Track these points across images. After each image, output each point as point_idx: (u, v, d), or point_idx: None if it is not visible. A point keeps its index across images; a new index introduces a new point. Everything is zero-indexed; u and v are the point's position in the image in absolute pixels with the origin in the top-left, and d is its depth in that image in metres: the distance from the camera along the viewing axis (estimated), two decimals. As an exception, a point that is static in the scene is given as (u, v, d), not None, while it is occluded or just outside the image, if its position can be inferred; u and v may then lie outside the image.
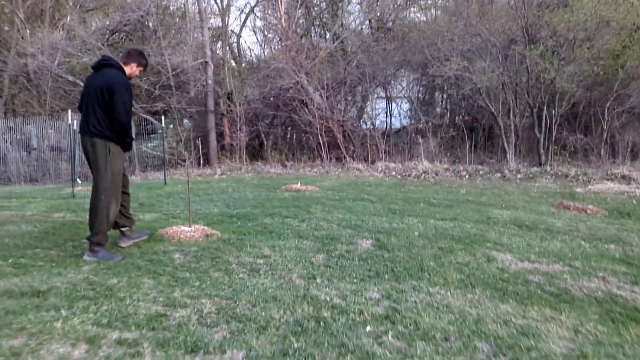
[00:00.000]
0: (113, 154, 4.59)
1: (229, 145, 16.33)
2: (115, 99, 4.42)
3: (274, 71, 15.44)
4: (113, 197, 4.63)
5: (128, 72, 4.74)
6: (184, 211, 7.44)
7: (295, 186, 9.96)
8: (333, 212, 7.25)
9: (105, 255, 4.51)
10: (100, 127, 4.51)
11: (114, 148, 4.59)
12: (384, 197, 9.09)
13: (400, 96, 17.35)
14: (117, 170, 4.64)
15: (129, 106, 4.57)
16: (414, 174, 12.33)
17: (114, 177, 4.62)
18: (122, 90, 4.48)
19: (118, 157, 4.64)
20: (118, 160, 4.64)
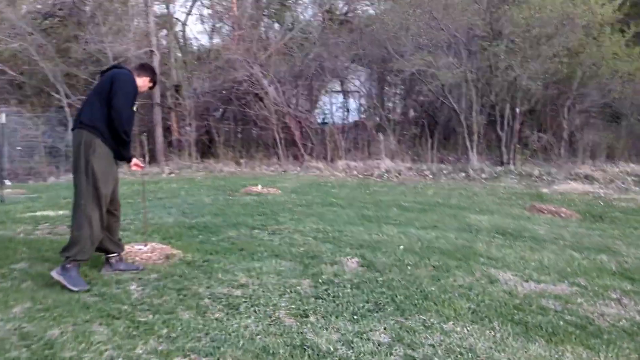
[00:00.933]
0: (97, 153, 3.81)
1: (177, 141, 15.27)
2: (116, 89, 3.83)
3: (226, 63, 14.51)
4: (96, 206, 3.83)
5: (139, 84, 4.10)
6: (134, 221, 6.56)
7: (255, 189, 9.22)
8: (304, 221, 6.59)
9: (73, 280, 3.71)
10: (92, 116, 3.84)
11: (100, 147, 3.82)
12: (353, 201, 8.52)
13: (357, 91, 16.85)
14: (101, 173, 3.82)
15: (131, 102, 3.93)
16: (376, 173, 11.85)
17: (96, 181, 3.80)
18: (127, 82, 3.92)
19: (103, 159, 3.84)
20: (102, 162, 3.84)
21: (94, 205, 3.81)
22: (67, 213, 7.18)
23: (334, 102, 15.89)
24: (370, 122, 13.79)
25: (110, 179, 3.90)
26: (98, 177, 3.80)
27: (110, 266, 4.14)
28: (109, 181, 3.90)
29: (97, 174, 3.79)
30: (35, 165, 15.45)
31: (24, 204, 8.09)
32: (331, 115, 15.53)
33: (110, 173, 3.92)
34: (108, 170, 3.88)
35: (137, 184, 10.36)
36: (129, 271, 4.16)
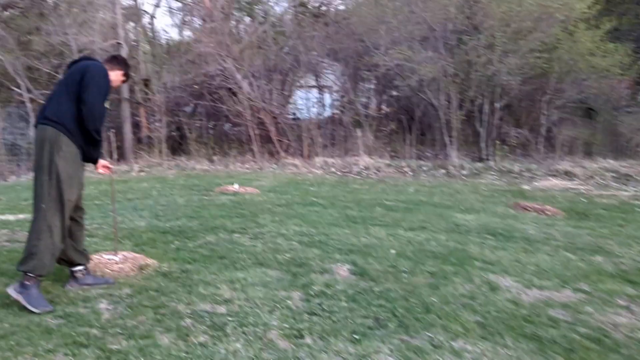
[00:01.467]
0: (63, 152, 3.36)
1: (146, 138, 14.64)
2: (88, 82, 3.40)
3: (198, 56, 13.96)
4: (58, 212, 3.37)
5: (111, 78, 3.65)
6: (102, 226, 6.09)
7: (231, 188, 8.79)
8: (286, 223, 6.23)
9: (33, 299, 3.26)
10: (59, 111, 3.39)
11: (67, 146, 3.38)
12: (334, 200, 8.19)
13: (331, 86, 16.50)
14: (66, 176, 3.37)
15: (104, 98, 3.48)
16: (355, 170, 11.55)
17: (60, 183, 3.35)
18: (100, 75, 3.49)
19: (69, 159, 3.40)
20: (68, 163, 3.39)
21: (56, 211, 3.37)
22: (28, 217, 6.65)
23: (308, 97, 15.51)
24: (346, 117, 13.46)
25: (75, 182, 3.47)
26: (62, 179, 3.36)
27: (76, 280, 3.70)
28: (74, 185, 3.46)
29: (62, 175, 3.36)
30: (-5, 164, 14.61)
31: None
32: (306, 111, 15.15)
33: (76, 176, 3.48)
34: (74, 172, 3.45)
35: (104, 184, 9.79)
36: (97, 286, 3.72)
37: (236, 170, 12.43)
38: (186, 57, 15.02)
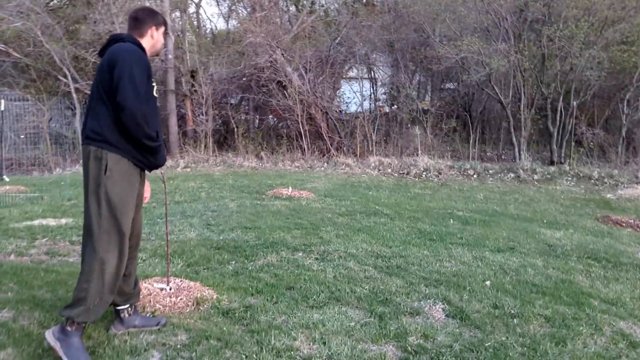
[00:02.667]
0: (112, 173, 2.67)
1: (192, 132, 14.14)
2: (118, 77, 2.60)
3: (247, 47, 13.32)
4: (113, 245, 2.70)
5: (150, 43, 2.93)
6: (150, 236, 5.49)
7: (285, 191, 8.11)
8: (353, 239, 5.48)
9: (73, 351, 2.63)
10: (99, 125, 2.69)
11: (115, 163, 2.68)
12: (399, 209, 7.38)
13: (385, 78, 15.61)
14: (119, 200, 2.69)
15: (145, 87, 2.68)
16: (413, 171, 10.68)
17: (114, 210, 2.68)
18: (132, 61, 2.65)
19: (122, 180, 2.70)
20: (121, 185, 2.70)
21: (110, 243, 2.70)
22: (71, 222, 6.14)
23: (360, 90, 14.66)
24: (403, 113, 12.57)
25: (131, 206, 2.79)
26: (115, 205, 2.68)
27: (122, 323, 3.04)
28: (131, 210, 2.79)
29: (114, 201, 2.68)
30: (41, 155, 14.43)
31: (21, 207, 7.03)
32: (360, 106, 14.31)
33: (132, 198, 2.79)
34: (129, 194, 2.76)
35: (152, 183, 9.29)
36: (147, 328, 3.06)
37: (286, 169, 11.76)
38: (234, 48, 14.41)
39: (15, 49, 14.42)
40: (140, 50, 2.79)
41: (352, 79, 16.97)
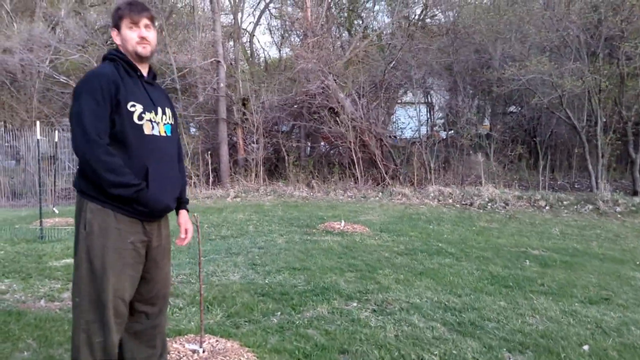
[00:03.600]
0: (91, 227, 2.18)
1: (243, 160, 13.88)
2: (69, 116, 2.21)
3: (299, 73, 13.01)
4: (96, 316, 2.18)
5: (120, 42, 2.31)
6: (190, 278, 5.01)
7: (337, 225, 7.51)
8: (416, 285, 4.80)
9: None
10: (78, 170, 2.32)
11: (95, 215, 2.18)
12: (465, 247, 6.62)
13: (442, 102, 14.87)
14: (99, 264, 2.18)
15: (94, 121, 2.11)
16: (477, 202, 9.83)
17: (94, 276, 2.18)
18: (77, 94, 2.17)
19: (103, 236, 2.18)
20: (102, 243, 2.18)
21: (92, 313, 2.18)
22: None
23: (415, 115, 13.98)
24: (463, 139, 11.77)
25: (119, 269, 2.21)
26: (95, 268, 2.17)
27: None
28: (123, 272, 2.22)
29: (94, 263, 2.17)
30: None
31: (65, 242, 6.77)
32: (417, 131, 13.64)
33: (119, 258, 2.21)
34: (114, 253, 2.20)
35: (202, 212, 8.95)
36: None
37: (337, 199, 11.18)
38: (285, 75, 14.15)
39: (75, 80, 14.78)
40: (100, 69, 2.24)
41: (407, 103, 16.35)
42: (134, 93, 2.22)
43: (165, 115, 2.35)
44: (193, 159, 13.35)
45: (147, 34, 2.29)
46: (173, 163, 2.40)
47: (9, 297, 4.39)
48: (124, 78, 2.22)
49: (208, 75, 14.04)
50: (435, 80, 14.06)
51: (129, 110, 2.18)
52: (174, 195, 2.40)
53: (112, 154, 2.11)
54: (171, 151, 2.39)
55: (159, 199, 2.24)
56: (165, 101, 2.43)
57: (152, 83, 2.39)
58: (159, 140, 2.29)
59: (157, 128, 2.29)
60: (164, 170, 2.29)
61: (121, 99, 2.16)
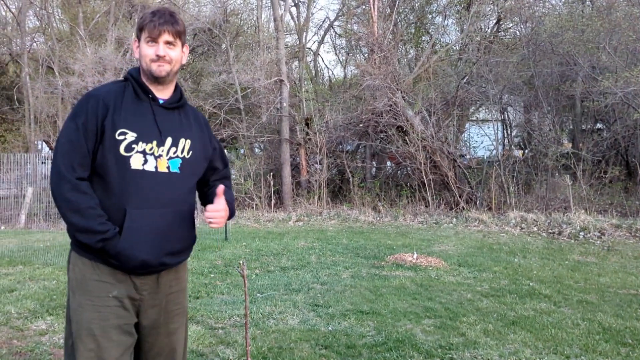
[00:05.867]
0: (71, 281, 1.84)
1: (305, 182, 13.37)
2: None
3: (364, 90, 12.41)
4: None
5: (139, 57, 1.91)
6: (243, 321, 4.40)
7: (408, 257, 6.73)
8: (508, 338, 3.96)
9: None
10: None
11: (74, 266, 1.84)
12: (562, 287, 5.64)
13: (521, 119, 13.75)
14: (76, 325, 1.77)
15: (67, 154, 1.77)
16: (567, 231, 8.71)
17: (73, 338, 1.78)
18: (69, 114, 1.87)
19: (81, 292, 1.80)
20: (79, 301, 1.79)
21: None
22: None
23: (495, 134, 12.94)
24: (548, 160, 10.63)
25: (108, 331, 1.75)
26: (74, 330, 1.78)
27: None
28: (106, 337, 1.75)
29: (73, 324, 1.79)
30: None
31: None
32: (494, 150, 12.62)
33: (98, 318, 1.76)
34: (93, 312, 1.76)
35: (254, 237, 8.45)
36: None
37: (407, 225, 10.35)
38: (350, 93, 13.60)
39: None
40: (96, 89, 1.88)
41: (480, 121, 15.33)
42: (130, 119, 1.79)
43: (176, 147, 1.86)
44: (255, 180, 12.99)
45: (166, 52, 1.84)
46: (170, 208, 1.83)
47: (47, 340, 3.97)
48: (126, 101, 1.82)
49: (271, 95, 13.75)
50: (513, 96, 12.99)
51: (117, 139, 1.77)
52: (165, 249, 1.82)
53: (82, 192, 1.73)
54: (171, 192, 1.84)
55: (131, 254, 1.74)
56: (186, 131, 1.91)
57: (171, 108, 1.90)
58: (151, 177, 1.80)
59: (154, 162, 1.81)
60: (149, 216, 1.77)
61: (107, 125, 1.76)
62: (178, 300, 1.94)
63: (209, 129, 2.07)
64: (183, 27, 1.91)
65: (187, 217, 1.90)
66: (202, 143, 1.96)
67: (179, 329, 1.96)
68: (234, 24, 17.92)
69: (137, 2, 17.19)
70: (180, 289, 1.96)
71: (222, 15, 14.95)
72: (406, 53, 18.74)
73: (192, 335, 4.00)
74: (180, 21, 1.90)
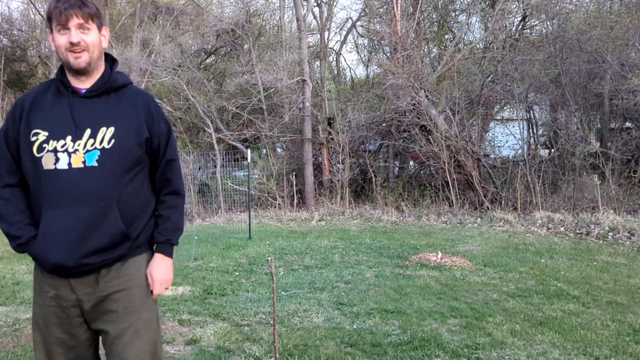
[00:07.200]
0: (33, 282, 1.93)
1: (328, 181, 13.38)
2: None
3: (387, 90, 12.36)
4: None
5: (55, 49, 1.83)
6: (270, 319, 4.44)
7: (433, 257, 6.68)
8: (536, 339, 3.91)
9: None
10: None
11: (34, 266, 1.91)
12: (590, 288, 5.53)
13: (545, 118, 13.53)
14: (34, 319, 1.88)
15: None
16: (595, 231, 8.54)
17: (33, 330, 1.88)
18: None
19: (33, 289, 1.90)
20: (33, 295, 1.91)
21: None
22: (188, 292, 5.34)
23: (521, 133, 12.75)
24: (576, 159, 10.42)
25: (50, 328, 1.83)
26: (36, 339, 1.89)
27: None
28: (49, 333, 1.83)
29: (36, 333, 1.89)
30: (187, 206, 14.70)
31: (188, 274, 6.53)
32: (520, 149, 12.44)
33: (46, 314, 1.84)
34: (40, 307, 1.86)
35: (280, 237, 8.48)
36: None
37: (431, 225, 10.28)
38: (373, 92, 13.56)
39: (167, 103, 15.15)
40: (27, 92, 1.89)
41: (505, 120, 15.12)
42: (45, 118, 1.77)
43: (94, 138, 1.75)
44: (278, 180, 13.05)
45: (79, 38, 1.73)
46: (88, 205, 1.73)
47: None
48: (47, 100, 1.80)
49: (294, 94, 13.79)
50: (539, 94, 12.78)
51: (30, 141, 1.76)
52: (82, 249, 1.73)
53: (4, 199, 1.80)
54: (88, 188, 1.74)
55: (44, 257, 1.75)
56: (109, 118, 1.79)
57: (94, 95, 1.81)
58: (64, 175, 1.73)
59: (68, 159, 1.73)
60: (61, 216, 1.73)
61: (22, 128, 1.77)
62: (128, 298, 1.84)
63: (152, 110, 1.89)
64: (95, 8, 1.78)
65: (114, 211, 1.76)
66: (133, 127, 1.82)
67: (129, 329, 1.82)
68: (256, 25, 18.02)
69: (162, 3, 17.44)
70: (129, 286, 1.85)
71: (245, 16, 15.04)
72: (429, 52, 18.56)
73: (219, 332, 4.05)
74: (89, 2, 1.77)
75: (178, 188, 1.98)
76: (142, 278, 1.89)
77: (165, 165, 1.93)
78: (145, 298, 1.89)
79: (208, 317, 4.45)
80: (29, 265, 6.94)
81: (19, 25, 22.06)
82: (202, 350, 3.71)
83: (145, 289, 1.90)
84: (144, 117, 1.85)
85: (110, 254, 1.78)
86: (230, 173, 14.42)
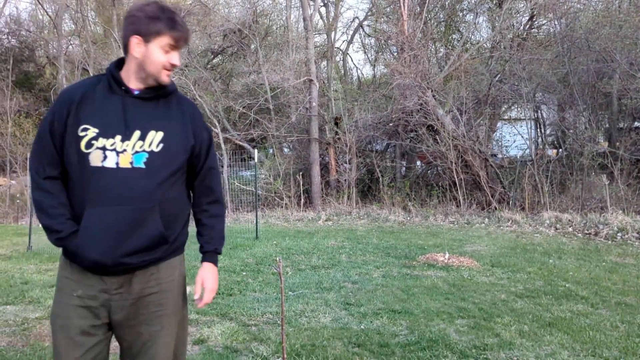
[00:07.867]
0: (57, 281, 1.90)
1: (335, 181, 13.38)
2: None
3: (394, 89, 12.34)
4: None
5: (134, 63, 1.80)
6: (277, 319, 4.45)
7: (440, 257, 6.67)
8: (544, 340, 3.90)
9: None
10: None
11: (59, 264, 1.92)
12: (599, 289, 5.50)
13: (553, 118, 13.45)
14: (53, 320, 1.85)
15: (38, 154, 1.86)
16: (604, 232, 8.49)
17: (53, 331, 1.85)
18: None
19: (57, 288, 1.88)
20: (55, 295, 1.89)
21: None
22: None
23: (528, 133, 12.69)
24: (584, 158, 10.37)
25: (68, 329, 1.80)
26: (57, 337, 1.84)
27: None
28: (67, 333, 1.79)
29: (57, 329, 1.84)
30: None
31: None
32: (528, 149, 12.38)
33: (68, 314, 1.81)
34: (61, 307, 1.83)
35: (282, 236, 8.50)
36: None
37: (438, 225, 10.25)
38: (380, 92, 13.55)
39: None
40: (70, 87, 1.85)
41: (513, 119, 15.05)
42: (95, 114, 1.76)
43: (143, 140, 1.77)
44: (284, 180, 13.06)
45: (179, 62, 1.81)
46: (131, 205, 1.74)
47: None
48: (96, 96, 1.79)
49: (301, 94, 13.80)
50: (547, 94, 12.72)
51: (79, 136, 1.74)
52: (122, 249, 1.73)
53: (46, 191, 1.79)
54: (133, 189, 1.75)
55: (84, 254, 1.74)
56: (160, 122, 1.81)
57: (148, 98, 1.82)
58: (110, 174, 1.73)
59: (116, 159, 1.74)
60: (104, 214, 1.72)
61: (70, 122, 1.76)
62: (160, 301, 1.84)
63: (196, 118, 1.93)
64: None
65: (155, 214, 1.77)
66: (181, 134, 1.84)
67: (160, 332, 1.84)
68: (263, 25, 18.06)
69: (169, 3, 17.49)
70: (162, 289, 1.85)
71: (252, 15, 15.07)
72: (436, 51, 18.52)
73: (226, 331, 4.06)
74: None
75: (220, 197, 2.01)
76: (175, 282, 1.90)
77: (205, 173, 1.95)
78: (177, 300, 1.91)
79: (215, 316, 4.47)
80: (37, 265, 7.00)
81: (27, 25, 22.24)
82: (210, 350, 3.72)
83: (176, 292, 1.91)
84: (190, 124, 1.89)
85: (148, 255, 1.79)
86: (237, 173, 14.44)
